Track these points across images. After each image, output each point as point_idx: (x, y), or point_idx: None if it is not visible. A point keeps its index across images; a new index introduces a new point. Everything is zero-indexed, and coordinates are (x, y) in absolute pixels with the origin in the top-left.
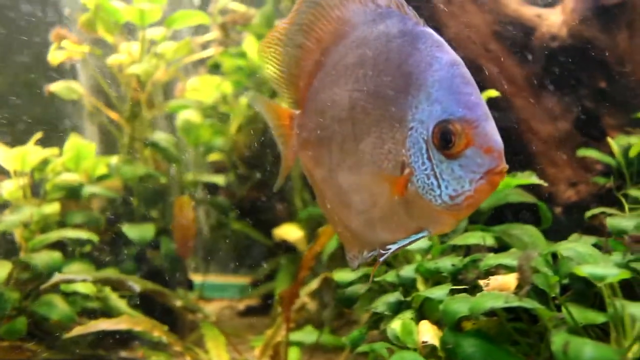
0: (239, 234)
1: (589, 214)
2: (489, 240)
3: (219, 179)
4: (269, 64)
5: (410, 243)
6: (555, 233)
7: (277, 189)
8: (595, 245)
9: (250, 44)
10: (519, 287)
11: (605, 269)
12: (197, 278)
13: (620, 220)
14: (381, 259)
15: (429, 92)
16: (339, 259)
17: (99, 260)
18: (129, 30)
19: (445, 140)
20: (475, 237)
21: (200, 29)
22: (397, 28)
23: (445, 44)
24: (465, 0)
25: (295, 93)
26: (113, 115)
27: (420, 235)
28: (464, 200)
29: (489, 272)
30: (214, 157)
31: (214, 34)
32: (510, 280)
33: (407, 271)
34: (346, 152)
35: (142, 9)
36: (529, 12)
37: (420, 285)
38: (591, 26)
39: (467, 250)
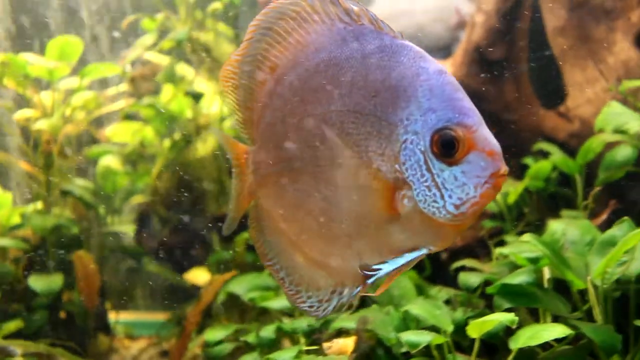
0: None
1: (453, 266)
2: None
3: (129, 229)
4: (227, 101)
5: (408, 264)
6: (442, 279)
7: (227, 233)
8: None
9: (167, 93)
10: (356, 350)
11: (419, 335)
12: (121, 317)
13: (469, 276)
14: (369, 281)
15: (420, 102)
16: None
17: (6, 312)
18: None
19: (447, 147)
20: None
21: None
22: (374, 44)
23: (428, 55)
24: None
25: (251, 128)
26: (25, 166)
27: (418, 253)
28: (469, 208)
29: (341, 332)
30: (138, 199)
31: (124, 85)
32: (349, 343)
33: (267, 331)
34: (322, 180)
35: (49, 67)
36: None
37: (286, 343)
38: (478, 78)
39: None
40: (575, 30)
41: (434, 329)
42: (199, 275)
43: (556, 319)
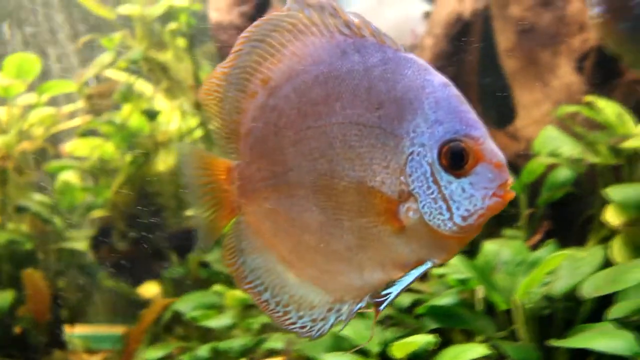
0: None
1: None
2: None
3: (82, 245)
4: (209, 114)
5: (414, 280)
6: None
7: (205, 252)
8: None
9: (126, 109)
10: None
11: (341, 357)
12: (81, 331)
13: (401, 297)
14: (381, 308)
15: (426, 114)
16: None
17: None
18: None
19: (456, 159)
20: None
21: None
22: (376, 56)
23: (431, 68)
24: None
25: (236, 142)
26: None
27: (423, 267)
28: (476, 219)
29: (274, 352)
30: (97, 214)
31: (80, 103)
32: None
33: (203, 350)
34: (321, 194)
35: (4, 84)
36: None
37: None
38: None
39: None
40: (524, 53)
41: (362, 349)
42: (149, 289)
43: (488, 339)
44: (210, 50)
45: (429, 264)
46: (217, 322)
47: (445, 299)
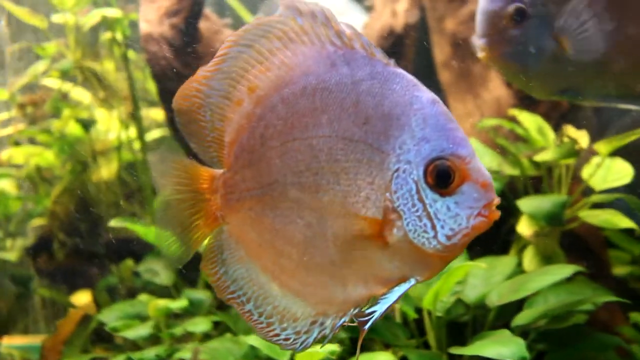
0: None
1: None
2: (204, 325)
3: (14, 255)
4: (183, 120)
5: (399, 297)
6: None
7: (180, 265)
8: None
9: (64, 119)
10: None
11: None
12: (19, 341)
13: None
14: (366, 327)
15: (413, 131)
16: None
17: None
18: None
19: (442, 177)
20: (199, 324)
21: None
22: (365, 70)
23: (420, 84)
24: None
25: (218, 151)
26: None
27: (407, 285)
28: (460, 239)
29: None
30: (36, 222)
31: (13, 112)
32: None
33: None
34: (305, 207)
35: None
36: None
37: None
38: None
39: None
40: (458, 66)
41: (269, 359)
42: (81, 298)
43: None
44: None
45: (412, 282)
46: (135, 332)
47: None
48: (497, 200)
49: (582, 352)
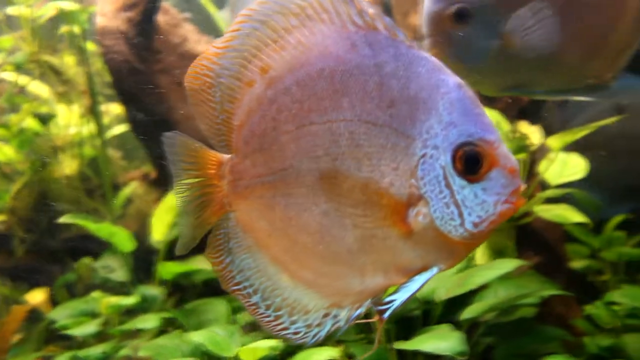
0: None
1: None
2: (154, 322)
3: None
4: (195, 100)
5: (422, 286)
6: None
7: (185, 252)
8: None
9: (22, 114)
10: None
11: None
12: None
13: None
14: (385, 315)
15: (441, 116)
16: None
17: None
18: None
19: (471, 163)
20: (149, 321)
21: None
22: (388, 52)
23: (445, 67)
24: None
25: (227, 134)
26: None
27: (430, 274)
28: (487, 226)
29: (130, 359)
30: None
31: None
32: None
33: (63, 359)
34: (322, 194)
35: None
36: None
37: None
38: None
39: None
40: None
41: (216, 355)
42: (35, 296)
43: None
44: None
45: (435, 270)
46: (82, 330)
47: None
48: (523, 187)
49: (527, 345)
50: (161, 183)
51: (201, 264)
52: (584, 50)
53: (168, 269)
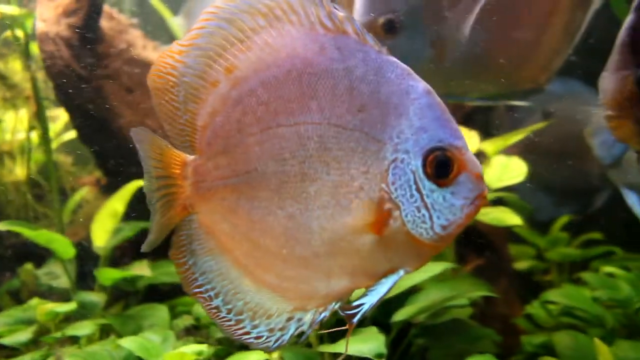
0: None
1: None
2: (87, 330)
3: None
4: (158, 99)
5: (390, 289)
6: None
7: (148, 250)
8: None
9: None
10: None
11: None
12: None
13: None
14: (355, 320)
15: (411, 121)
16: None
17: None
18: None
19: (442, 168)
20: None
21: None
22: (357, 56)
23: (413, 72)
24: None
25: (191, 135)
26: None
27: (397, 276)
28: (455, 229)
29: None
30: None
31: None
32: None
33: None
34: (288, 197)
35: None
36: None
37: None
38: None
39: None
40: None
41: None
42: None
43: None
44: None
45: (401, 273)
46: (14, 338)
47: None
48: (487, 191)
49: (458, 345)
50: (111, 189)
51: (143, 270)
52: (513, 57)
53: (106, 275)
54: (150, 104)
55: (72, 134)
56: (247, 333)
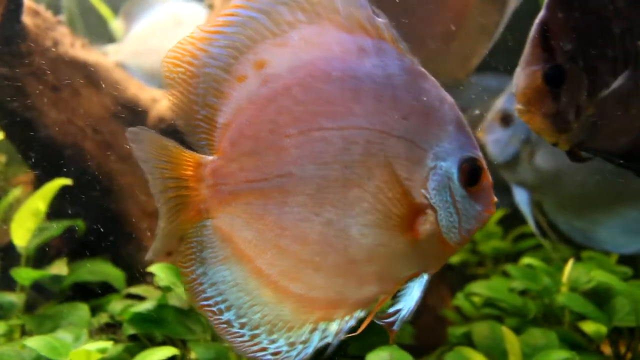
0: None
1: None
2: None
3: None
4: (172, 90)
5: (422, 294)
6: None
7: (155, 257)
8: None
9: None
10: None
11: None
12: None
13: (115, 305)
14: (396, 327)
15: (448, 131)
16: None
17: None
18: None
19: (474, 176)
20: None
21: None
22: (396, 64)
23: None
24: (80, 85)
25: (209, 133)
26: None
27: (423, 279)
28: (473, 233)
29: None
30: None
31: None
32: None
33: None
34: (326, 202)
35: None
36: (146, 95)
37: None
38: None
39: None
40: None
41: None
42: None
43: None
44: None
45: (425, 276)
46: None
47: (146, 305)
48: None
49: (373, 338)
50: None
51: (60, 269)
52: (427, 52)
53: (23, 275)
54: (78, 102)
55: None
56: (264, 349)
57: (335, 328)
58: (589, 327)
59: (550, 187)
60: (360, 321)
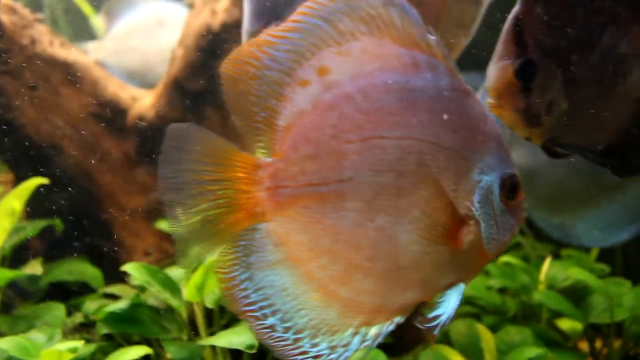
0: None
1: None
2: None
3: None
4: (231, 90)
5: (461, 300)
6: None
7: (188, 267)
8: None
9: None
10: None
11: None
12: None
13: (90, 305)
14: (436, 332)
15: (490, 146)
16: None
17: None
18: None
19: (514, 191)
20: None
21: None
22: (446, 80)
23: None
24: (59, 84)
25: (269, 135)
26: None
27: (461, 288)
28: (506, 245)
29: None
30: None
31: None
32: None
33: None
34: (380, 209)
35: None
36: (126, 94)
37: None
38: (179, 108)
39: None
40: None
41: None
42: None
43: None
44: None
45: (462, 285)
46: None
47: (120, 304)
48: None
49: None
50: None
51: (35, 269)
52: None
53: None
54: (56, 101)
55: None
56: (305, 353)
57: (375, 332)
58: (565, 324)
59: (526, 183)
60: (398, 326)
